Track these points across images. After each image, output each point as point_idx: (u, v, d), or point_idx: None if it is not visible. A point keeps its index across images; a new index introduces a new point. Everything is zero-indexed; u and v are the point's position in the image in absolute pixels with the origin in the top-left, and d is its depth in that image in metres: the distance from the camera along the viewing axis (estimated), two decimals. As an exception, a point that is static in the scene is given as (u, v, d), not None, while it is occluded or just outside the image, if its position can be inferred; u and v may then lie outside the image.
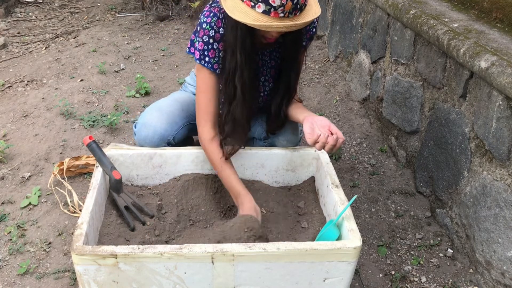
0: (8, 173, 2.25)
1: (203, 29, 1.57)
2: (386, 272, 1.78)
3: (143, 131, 1.76)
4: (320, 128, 1.51)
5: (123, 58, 3.51)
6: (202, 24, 1.57)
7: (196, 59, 1.61)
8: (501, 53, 1.63)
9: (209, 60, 1.59)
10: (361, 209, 2.10)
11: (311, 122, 1.55)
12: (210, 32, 1.56)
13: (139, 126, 1.78)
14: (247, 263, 1.31)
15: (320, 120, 1.55)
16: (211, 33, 1.56)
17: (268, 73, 1.74)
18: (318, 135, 1.49)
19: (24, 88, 3.08)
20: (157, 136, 1.74)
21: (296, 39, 1.63)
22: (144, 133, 1.75)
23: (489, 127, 1.64)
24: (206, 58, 1.59)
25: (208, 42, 1.57)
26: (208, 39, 1.57)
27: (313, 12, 1.43)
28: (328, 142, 1.48)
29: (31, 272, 1.72)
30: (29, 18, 4.45)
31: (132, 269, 1.29)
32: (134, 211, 1.61)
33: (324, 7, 3.58)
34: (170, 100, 1.88)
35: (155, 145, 1.76)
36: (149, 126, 1.75)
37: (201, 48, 1.58)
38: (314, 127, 1.53)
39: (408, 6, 2.21)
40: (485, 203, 1.67)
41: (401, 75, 2.34)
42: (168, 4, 4.42)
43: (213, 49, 1.58)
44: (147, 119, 1.77)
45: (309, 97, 3.01)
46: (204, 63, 1.60)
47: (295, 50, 1.67)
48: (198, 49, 1.59)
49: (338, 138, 1.49)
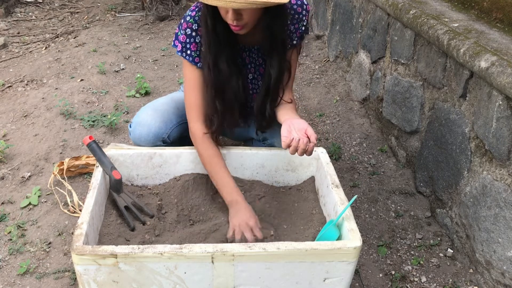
0: (8, 173, 2.25)
1: (186, 22, 1.59)
2: (386, 272, 1.78)
3: (137, 129, 1.77)
4: (297, 132, 1.48)
5: (123, 58, 3.51)
6: (186, 17, 1.59)
7: (178, 51, 1.62)
8: (501, 53, 1.63)
9: (190, 53, 1.61)
10: (361, 209, 2.10)
11: (289, 125, 1.51)
12: (193, 25, 1.58)
13: (133, 125, 1.79)
14: (247, 263, 1.31)
15: (298, 123, 1.52)
16: (194, 27, 1.58)
17: (256, 70, 1.74)
18: (291, 139, 1.45)
19: (24, 88, 3.08)
20: (152, 134, 1.75)
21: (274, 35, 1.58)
22: (138, 132, 1.76)
23: (489, 127, 1.64)
24: (187, 51, 1.61)
25: (191, 35, 1.59)
26: (190, 32, 1.59)
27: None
28: (299, 146, 1.45)
29: (31, 272, 1.72)
30: (29, 18, 4.45)
31: (132, 269, 1.29)
32: (134, 211, 1.61)
33: (324, 7, 3.58)
34: (166, 99, 1.89)
35: (150, 144, 1.76)
36: (143, 125, 1.75)
37: (183, 40, 1.60)
38: (291, 130, 1.49)
39: (408, 6, 2.21)
40: (485, 203, 1.67)
41: (401, 75, 2.34)
42: (168, 4, 4.42)
43: (195, 42, 1.60)
44: (141, 118, 1.77)
45: (309, 97, 3.01)
46: (185, 56, 1.62)
47: (275, 47, 1.62)
48: (181, 41, 1.61)
49: (308, 142, 1.45)
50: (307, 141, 1.45)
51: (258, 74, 1.75)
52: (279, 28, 1.57)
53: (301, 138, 1.45)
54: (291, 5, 1.63)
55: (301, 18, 1.66)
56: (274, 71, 1.64)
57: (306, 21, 1.68)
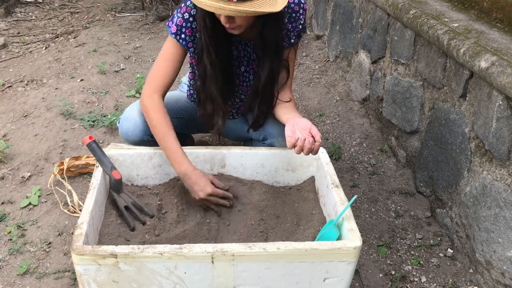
0: (8, 173, 2.25)
1: (186, 6, 1.59)
2: (386, 272, 1.78)
3: (124, 124, 1.77)
4: (301, 131, 1.48)
5: (123, 58, 3.51)
6: (187, 1, 1.59)
7: (172, 33, 1.62)
8: (501, 53, 1.63)
9: (185, 38, 1.61)
10: (361, 209, 2.10)
11: (293, 125, 1.51)
12: (192, 10, 1.58)
13: (121, 121, 1.80)
14: (247, 263, 1.31)
15: (302, 122, 1.51)
16: (192, 12, 1.58)
17: (249, 64, 1.75)
18: (296, 139, 1.45)
19: (24, 88, 3.08)
20: (138, 128, 1.74)
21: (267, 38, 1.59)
22: (125, 126, 1.77)
23: (489, 127, 1.64)
24: (182, 35, 1.61)
25: (188, 20, 1.59)
26: (188, 16, 1.59)
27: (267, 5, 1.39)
28: (305, 146, 1.45)
29: (31, 272, 1.72)
30: (29, 18, 4.45)
31: (132, 269, 1.29)
32: (134, 211, 1.61)
33: (324, 7, 3.58)
34: None
35: (138, 138, 1.75)
36: (129, 120, 1.76)
37: (180, 23, 1.60)
38: (295, 129, 1.49)
39: (408, 6, 2.21)
40: (485, 203, 1.67)
41: (401, 75, 2.34)
42: (168, 4, 4.42)
43: (191, 27, 1.60)
44: (128, 113, 1.78)
45: (309, 97, 3.02)
46: (179, 39, 1.61)
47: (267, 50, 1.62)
48: (177, 24, 1.61)
49: (314, 142, 1.45)
50: (313, 140, 1.46)
51: (250, 68, 1.76)
52: (273, 31, 1.58)
53: (306, 137, 1.45)
54: (288, 4, 1.63)
55: (298, 16, 1.66)
56: (264, 74, 1.65)
57: (303, 19, 1.68)
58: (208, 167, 1.76)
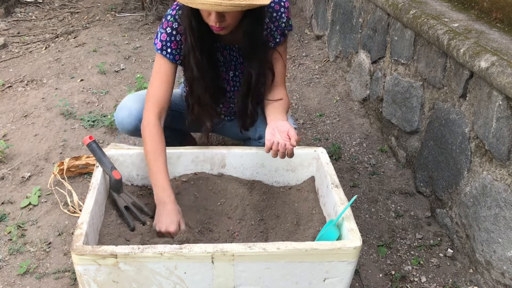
0: (8, 173, 2.25)
1: (167, 21, 1.61)
2: (386, 272, 1.78)
3: (120, 113, 1.81)
4: (281, 134, 1.47)
5: (123, 58, 3.51)
6: (167, 16, 1.61)
7: (158, 49, 1.63)
8: (501, 53, 1.63)
9: (171, 52, 1.62)
10: (361, 209, 2.10)
11: (273, 128, 1.50)
12: (174, 24, 1.60)
13: (116, 111, 1.84)
14: (247, 263, 1.31)
15: (281, 125, 1.50)
16: (174, 25, 1.60)
17: (237, 68, 1.75)
18: (272, 143, 1.44)
19: (24, 88, 3.08)
20: (133, 116, 1.77)
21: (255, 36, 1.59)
22: (120, 116, 1.80)
23: (489, 127, 1.64)
24: (168, 49, 1.62)
25: (171, 34, 1.61)
26: (171, 30, 1.61)
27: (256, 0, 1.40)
28: (279, 150, 1.44)
29: (31, 272, 1.72)
30: (29, 18, 4.45)
31: (132, 269, 1.29)
32: (134, 211, 1.61)
33: (324, 7, 3.58)
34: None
35: (133, 127, 1.78)
36: (124, 109, 1.80)
37: (164, 39, 1.62)
38: (274, 132, 1.48)
39: (408, 6, 2.21)
40: (485, 203, 1.68)
41: (401, 75, 2.34)
42: (168, 4, 4.42)
43: (175, 41, 1.61)
44: (124, 103, 1.82)
45: (309, 97, 3.02)
46: (165, 54, 1.63)
47: (255, 48, 1.62)
48: (161, 39, 1.62)
49: (285, 145, 1.43)
50: (284, 144, 1.44)
51: (239, 72, 1.76)
52: (260, 30, 1.59)
53: (281, 141, 1.44)
54: (268, 4, 1.63)
55: (280, 15, 1.66)
56: (255, 72, 1.65)
57: (286, 17, 1.67)
58: (208, 167, 1.76)
